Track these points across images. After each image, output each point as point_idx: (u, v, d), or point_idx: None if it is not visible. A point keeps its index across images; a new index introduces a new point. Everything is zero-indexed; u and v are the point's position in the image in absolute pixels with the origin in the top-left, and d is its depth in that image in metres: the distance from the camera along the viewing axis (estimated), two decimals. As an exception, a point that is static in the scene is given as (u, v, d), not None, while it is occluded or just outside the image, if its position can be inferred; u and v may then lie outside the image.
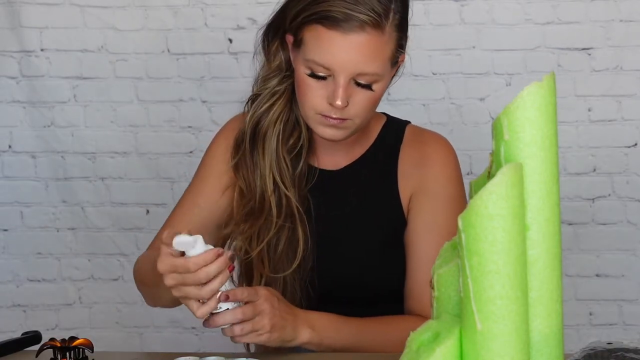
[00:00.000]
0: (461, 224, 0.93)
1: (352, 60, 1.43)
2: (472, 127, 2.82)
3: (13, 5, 2.84)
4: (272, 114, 1.56)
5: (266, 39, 1.57)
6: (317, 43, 1.44)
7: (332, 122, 1.48)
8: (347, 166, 1.62)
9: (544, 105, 0.96)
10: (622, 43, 2.78)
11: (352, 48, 1.42)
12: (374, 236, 1.59)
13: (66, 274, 2.91)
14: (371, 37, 1.43)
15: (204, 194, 1.62)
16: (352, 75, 1.44)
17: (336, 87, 1.44)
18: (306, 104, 1.49)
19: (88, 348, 1.35)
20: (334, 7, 1.42)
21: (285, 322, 1.44)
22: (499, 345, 0.92)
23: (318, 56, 1.44)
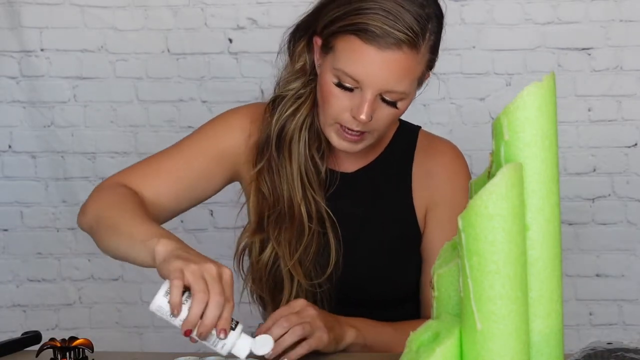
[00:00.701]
0: (461, 224, 0.93)
1: (383, 76, 1.41)
2: (472, 127, 2.82)
3: (13, 5, 2.84)
4: (297, 118, 1.54)
5: (293, 39, 1.55)
6: (350, 54, 1.42)
7: (349, 137, 1.47)
8: (361, 169, 1.61)
9: (544, 105, 0.96)
10: (622, 43, 2.78)
11: (385, 65, 1.41)
12: (384, 239, 1.59)
13: (66, 274, 2.91)
14: (406, 56, 1.41)
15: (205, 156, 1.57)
16: (380, 91, 1.43)
17: (362, 101, 1.43)
18: (327, 112, 1.47)
19: (88, 348, 1.35)
20: (373, 22, 1.39)
21: (332, 322, 1.44)
22: (499, 345, 0.92)
23: (349, 67, 1.42)
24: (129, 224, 1.39)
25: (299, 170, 1.55)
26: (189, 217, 1.60)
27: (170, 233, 1.35)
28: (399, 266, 1.59)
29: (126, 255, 1.39)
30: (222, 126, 1.61)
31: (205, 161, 1.57)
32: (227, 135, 1.60)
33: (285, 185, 1.55)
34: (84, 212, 1.53)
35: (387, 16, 1.39)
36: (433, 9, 1.45)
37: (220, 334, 1.24)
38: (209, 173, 1.58)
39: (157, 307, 1.25)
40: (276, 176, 1.56)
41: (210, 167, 1.58)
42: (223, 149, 1.59)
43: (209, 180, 1.58)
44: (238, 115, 1.63)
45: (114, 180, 1.55)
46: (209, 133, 1.61)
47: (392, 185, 1.61)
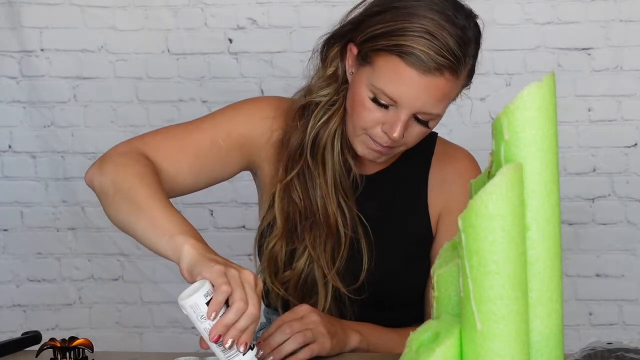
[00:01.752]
0: (461, 224, 0.93)
1: (422, 100, 1.42)
2: (472, 127, 2.81)
3: (13, 5, 2.84)
4: (330, 126, 1.53)
5: (327, 44, 1.54)
6: (391, 75, 1.41)
7: (377, 148, 1.47)
8: (380, 172, 1.61)
9: (544, 105, 0.96)
10: (622, 43, 2.78)
11: (425, 89, 1.41)
12: (400, 241, 1.59)
13: (66, 274, 2.91)
14: (446, 82, 1.42)
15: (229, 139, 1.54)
16: (416, 112, 1.44)
17: (397, 120, 1.43)
18: (357, 123, 1.47)
19: (88, 348, 1.35)
20: (417, 45, 1.39)
21: (335, 328, 1.44)
22: (499, 345, 0.92)
23: (389, 87, 1.41)
24: (151, 206, 1.33)
25: (333, 178, 1.54)
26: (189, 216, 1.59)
27: (194, 230, 1.31)
28: (412, 269, 1.59)
29: (142, 238, 1.35)
30: (245, 114, 1.58)
31: (227, 144, 1.55)
32: (250, 124, 1.57)
33: (318, 193, 1.54)
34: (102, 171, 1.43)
35: (431, 40, 1.39)
36: (473, 31, 1.46)
37: (240, 347, 1.22)
38: (229, 157, 1.55)
39: (193, 305, 1.23)
40: (309, 183, 1.55)
41: (231, 152, 1.55)
42: (246, 137, 1.57)
43: (227, 164, 1.56)
44: (262, 106, 1.60)
45: (134, 145, 1.49)
46: (233, 118, 1.57)
47: (409, 189, 1.61)
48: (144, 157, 1.46)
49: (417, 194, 1.61)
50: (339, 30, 1.52)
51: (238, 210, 2.85)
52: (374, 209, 1.59)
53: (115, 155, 1.45)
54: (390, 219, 1.59)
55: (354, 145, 1.50)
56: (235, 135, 1.55)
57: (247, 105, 1.60)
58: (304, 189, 1.55)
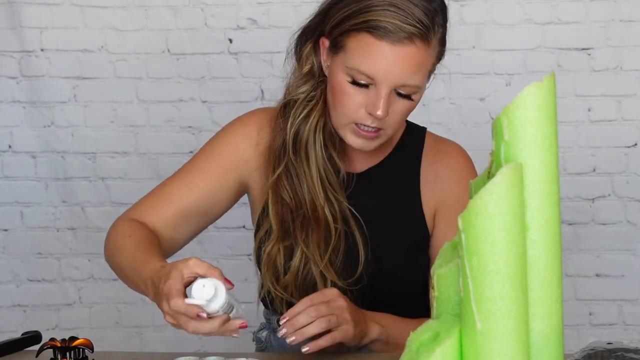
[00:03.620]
0: (461, 224, 0.93)
1: (397, 71, 1.42)
2: (472, 127, 2.82)
3: (13, 5, 2.84)
4: (311, 121, 1.54)
5: (299, 42, 1.55)
6: (363, 52, 1.43)
7: (365, 134, 1.47)
8: (371, 169, 1.61)
9: (544, 105, 0.96)
10: (622, 43, 2.78)
11: (399, 59, 1.42)
12: (394, 237, 1.59)
13: (66, 274, 2.91)
14: (418, 50, 1.43)
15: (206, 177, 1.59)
16: (395, 86, 1.44)
17: (378, 97, 1.43)
18: (342, 112, 1.48)
19: (88, 348, 1.35)
20: (384, 18, 1.40)
21: (359, 316, 1.44)
22: (499, 345, 0.92)
23: (363, 65, 1.43)
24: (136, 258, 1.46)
25: (317, 172, 1.54)
26: (189, 217, 1.63)
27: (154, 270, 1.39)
28: (410, 265, 1.59)
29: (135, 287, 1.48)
30: (226, 139, 1.62)
31: (210, 179, 1.59)
32: (231, 147, 1.61)
33: (305, 188, 1.55)
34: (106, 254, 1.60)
35: (397, 12, 1.40)
36: (438, 2, 1.47)
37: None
38: (216, 190, 1.59)
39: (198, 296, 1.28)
40: (296, 180, 1.55)
41: (218, 184, 1.59)
42: (229, 162, 1.60)
43: (217, 198, 1.60)
44: (242, 124, 1.63)
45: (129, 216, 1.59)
46: (214, 150, 1.61)
47: (401, 185, 1.61)
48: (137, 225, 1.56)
49: (409, 190, 1.61)
50: (308, 26, 1.54)
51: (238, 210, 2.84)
52: (367, 206, 1.59)
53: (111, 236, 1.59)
54: (384, 215, 1.59)
55: (344, 136, 1.51)
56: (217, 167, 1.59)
57: (226, 131, 1.64)
58: (292, 186, 1.56)
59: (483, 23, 2.81)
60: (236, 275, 2.86)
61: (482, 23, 2.81)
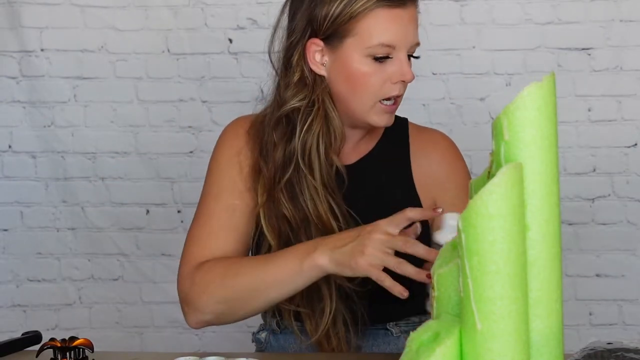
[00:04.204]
0: (461, 224, 0.93)
1: (410, 32, 1.50)
2: (472, 127, 2.82)
3: (13, 5, 2.84)
4: (314, 128, 1.53)
5: (287, 54, 1.54)
6: (383, 25, 1.48)
7: (388, 107, 1.52)
8: (360, 160, 1.62)
9: (544, 105, 0.96)
10: (622, 43, 2.78)
11: (411, 20, 1.50)
12: None
13: (66, 274, 2.91)
14: (416, 9, 1.52)
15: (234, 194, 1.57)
16: (410, 47, 1.51)
17: (402, 63, 1.50)
18: (367, 94, 1.50)
19: (88, 348, 1.35)
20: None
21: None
22: (499, 345, 0.92)
23: (386, 36, 1.48)
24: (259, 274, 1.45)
25: (321, 180, 1.54)
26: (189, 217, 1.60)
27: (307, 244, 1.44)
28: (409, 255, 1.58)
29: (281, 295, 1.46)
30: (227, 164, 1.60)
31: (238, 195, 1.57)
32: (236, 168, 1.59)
33: (308, 196, 1.53)
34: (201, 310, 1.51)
35: None
36: None
37: None
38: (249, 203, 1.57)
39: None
40: (297, 189, 1.54)
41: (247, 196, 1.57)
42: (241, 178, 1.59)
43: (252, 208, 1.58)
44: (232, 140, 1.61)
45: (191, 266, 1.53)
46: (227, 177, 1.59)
47: (393, 173, 1.62)
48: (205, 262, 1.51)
49: (402, 174, 1.62)
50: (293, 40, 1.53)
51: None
52: (361, 196, 1.59)
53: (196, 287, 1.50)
54: (379, 203, 1.59)
55: (368, 120, 1.53)
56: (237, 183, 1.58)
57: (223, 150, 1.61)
58: (291, 197, 1.54)
59: (483, 23, 2.81)
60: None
61: (482, 23, 2.81)
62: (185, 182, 2.86)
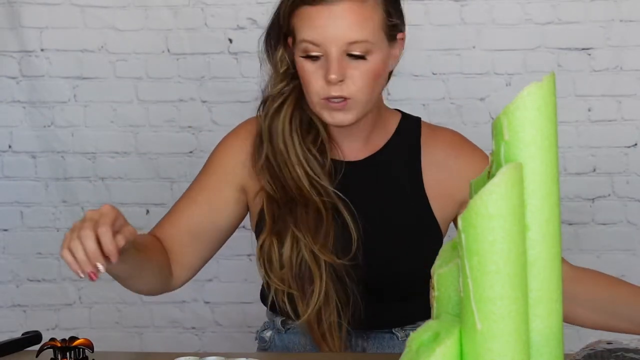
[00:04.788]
0: (461, 224, 0.93)
1: (338, 30, 1.46)
2: (472, 127, 2.81)
3: (13, 5, 2.84)
4: (283, 112, 1.57)
5: (269, 46, 1.59)
6: (306, 23, 1.48)
7: (335, 105, 1.49)
8: (368, 157, 1.62)
9: (544, 105, 0.96)
10: (622, 43, 2.78)
11: (337, 18, 1.46)
12: (396, 229, 1.59)
13: (66, 274, 2.90)
14: (352, 5, 1.46)
15: (204, 191, 1.61)
16: (343, 47, 1.46)
17: (329, 62, 1.47)
18: (310, 92, 1.51)
19: (88, 348, 1.35)
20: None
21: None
22: (499, 345, 0.92)
23: (308, 34, 1.47)
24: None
25: (298, 160, 1.56)
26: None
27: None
28: (415, 253, 1.58)
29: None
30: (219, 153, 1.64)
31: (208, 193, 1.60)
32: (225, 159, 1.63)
33: (289, 177, 1.56)
34: None
35: None
36: None
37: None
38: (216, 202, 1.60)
39: None
40: (278, 172, 1.56)
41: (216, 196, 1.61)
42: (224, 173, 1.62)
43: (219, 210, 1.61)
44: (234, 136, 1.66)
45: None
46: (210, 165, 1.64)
47: (402, 173, 1.61)
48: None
49: (411, 175, 1.61)
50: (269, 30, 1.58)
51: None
52: (370, 193, 1.59)
53: None
54: (384, 203, 1.59)
55: (322, 117, 1.52)
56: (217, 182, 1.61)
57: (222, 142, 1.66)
58: (274, 177, 1.57)
59: (483, 23, 2.81)
60: (236, 275, 2.87)
61: (482, 23, 2.81)
62: (185, 182, 2.85)
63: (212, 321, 2.87)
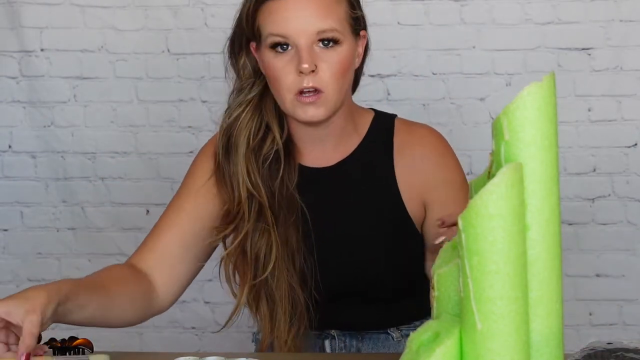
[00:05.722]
0: (461, 224, 0.93)
1: (305, 21, 1.46)
2: (472, 127, 2.82)
3: (13, 5, 2.84)
4: (240, 121, 1.56)
5: (233, 55, 1.58)
6: (271, 17, 1.48)
7: (307, 99, 1.47)
8: (340, 162, 1.60)
9: (544, 105, 0.96)
10: (622, 43, 2.78)
11: (301, 10, 1.46)
12: (373, 232, 1.58)
13: (66, 274, 2.90)
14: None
15: (189, 198, 1.60)
16: (311, 37, 1.46)
17: (300, 53, 1.46)
18: (281, 88, 1.49)
19: (88, 348, 1.35)
20: None
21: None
22: (499, 345, 0.92)
23: (274, 27, 1.47)
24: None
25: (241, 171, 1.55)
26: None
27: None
28: (394, 254, 1.58)
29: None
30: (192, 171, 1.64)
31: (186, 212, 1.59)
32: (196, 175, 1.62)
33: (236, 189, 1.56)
34: None
35: None
36: None
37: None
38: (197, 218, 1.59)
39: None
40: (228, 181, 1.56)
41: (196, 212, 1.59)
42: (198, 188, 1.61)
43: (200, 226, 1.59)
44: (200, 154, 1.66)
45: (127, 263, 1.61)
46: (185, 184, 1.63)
47: (375, 173, 1.59)
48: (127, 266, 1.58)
49: (384, 176, 1.59)
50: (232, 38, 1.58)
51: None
52: (343, 201, 1.59)
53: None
54: (359, 207, 1.58)
55: (295, 114, 1.51)
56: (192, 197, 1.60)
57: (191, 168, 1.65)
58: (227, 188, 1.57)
59: (483, 23, 2.81)
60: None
61: (482, 23, 2.81)
62: (185, 182, 2.87)
63: (212, 321, 2.87)
